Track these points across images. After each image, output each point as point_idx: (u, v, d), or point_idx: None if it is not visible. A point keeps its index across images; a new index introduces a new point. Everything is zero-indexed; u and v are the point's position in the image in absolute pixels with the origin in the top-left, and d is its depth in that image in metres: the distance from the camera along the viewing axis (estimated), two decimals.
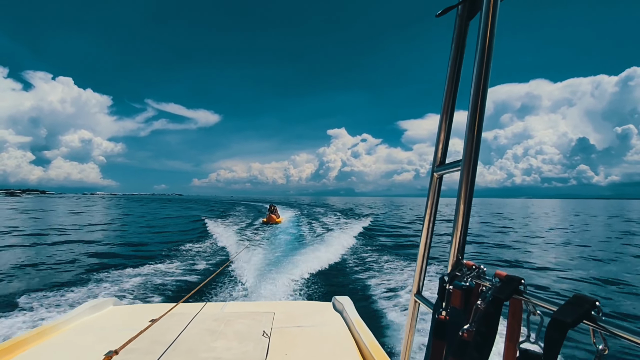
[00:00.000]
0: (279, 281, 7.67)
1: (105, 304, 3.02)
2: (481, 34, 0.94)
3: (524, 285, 0.81)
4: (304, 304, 4.25)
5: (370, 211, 41.55)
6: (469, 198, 1.01)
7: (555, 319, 0.63)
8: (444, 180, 1.24)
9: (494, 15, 0.93)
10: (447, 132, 1.19)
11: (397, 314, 6.00)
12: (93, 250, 12.92)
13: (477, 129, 0.96)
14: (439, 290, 1.08)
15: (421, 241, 1.28)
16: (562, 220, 32.95)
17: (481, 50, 0.93)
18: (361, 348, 2.23)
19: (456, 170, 1.05)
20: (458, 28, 1.10)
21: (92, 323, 2.64)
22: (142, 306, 3.54)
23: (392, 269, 9.57)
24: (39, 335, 2.26)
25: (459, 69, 1.13)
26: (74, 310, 2.77)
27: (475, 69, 0.94)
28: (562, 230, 22.45)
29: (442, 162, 1.21)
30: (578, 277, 9.56)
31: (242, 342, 2.23)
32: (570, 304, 0.64)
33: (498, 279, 0.86)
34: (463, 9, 1.08)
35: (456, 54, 1.12)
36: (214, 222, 22.46)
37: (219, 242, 13.87)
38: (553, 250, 14.22)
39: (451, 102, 1.16)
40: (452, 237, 1.06)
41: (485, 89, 0.94)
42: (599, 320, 0.60)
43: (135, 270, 9.04)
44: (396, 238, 17.32)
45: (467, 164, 0.99)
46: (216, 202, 75.60)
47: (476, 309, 0.87)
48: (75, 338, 2.34)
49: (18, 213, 35.13)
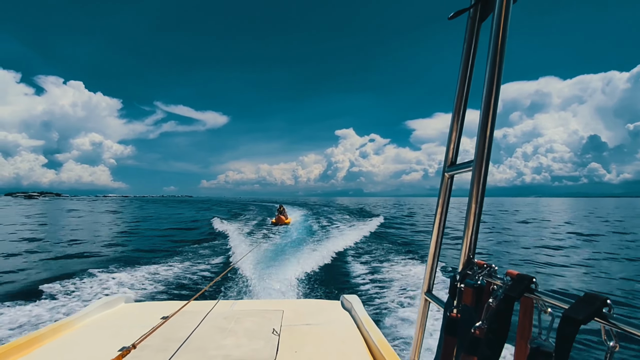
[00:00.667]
0: (288, 280, 7.73)
1: (117, 302, 3.07)
2: (493, 36, 0.95)
3: (536, 284, 0.82)
4: (312, 302, 4.27)
5: (379, 211, 41.45)
6: (481, 198, 1.02)
7: (567, 316, 0.65)
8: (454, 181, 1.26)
9: (507, 17, 0.94)
10: (459, 132, 1.20)
11: (406, 312, 5.99)
12: (108, 249, 13.22)
13: (489, 130, 0.97)
14: (451, 289, 1.10)
15: (432, 240, 1.29)
16: (578, 218, 32.34)
17: (493, 52, 0.94)
18: (370, 346, 2.24)
19: (468, 171, 1.07)
20: (470, 30, 1.12)
21: (104, 320, 2.69)
22: (153, 303, 3.61)
23: (400, 268, 9.54)
24: (53, 331, 2.32)
25: (470, 71, 1.14)
26: (86, 307, 2.83)
27: (487, 70, 0.96)
28: (577, 229, 22.09)
29: (453, 163, 1.22)
30: (594, 276, 9.41)
31: (252, 340, 2.26)
32: (582, 302, 0.65)
33: (509, 277, 0.88)
34: (475, 11, 1.09)
35: (468, 56, 1.13)
36: (224, 223, 22.68)
37: (229, 242, 14.02)
38: (567, 249, 14.01)
39: (463, 103, 1.17)
40: (463, 237, 1.07)
41: (497, 90, 0.95)
42: (610, 318, 0.61)
43: (147, 268, 9.23)
44: (404, 237, 17.25)
45: (478, 165, 1.00)
46: (228, 203, 79.72)
47: (488, 306, 0.89)
48: (89, 335, 2.40)
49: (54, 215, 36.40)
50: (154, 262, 10.07)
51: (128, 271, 8.93)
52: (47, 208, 52.56)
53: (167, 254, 11.56)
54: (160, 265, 9.71)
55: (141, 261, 10.26)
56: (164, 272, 8.93)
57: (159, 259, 10.57)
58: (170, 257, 10.96)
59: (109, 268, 9.31)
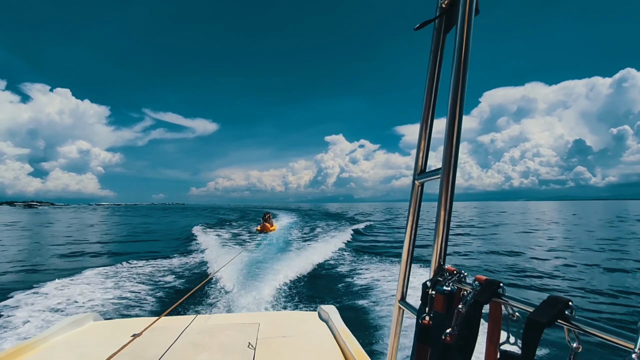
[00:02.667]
0: (265, 291, 7.55)
1: (86, 320, 2.93)
2: (457, 47, 0.98)
3: (503, 288, 0.83)
4: (289, 314, 4.22)
5: (363, 217, 41.71)
6: (449, 205, 1.03)
7: (531, 319, 0.65)
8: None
9: (469, 28, 0.97)
10: (427, 140, 1.23)
11: (383, 320, 6.00)
12: (81, 260, 12.43)
13: (455, 138, 1.00)
14: (422, 296, 1.10)
15: (404, 248, 1.29)
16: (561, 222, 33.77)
17: (457, 62, 0.97)
18: (347, 356, 2.23)
19: (436, 178, 1.08)
20: (435, 41, 1.15)
21: (72, 340, 2.55)
22: (123, 321, 3.44)
23: (379, 275, 9.59)
24: (14, 354, 2.15)
25: (437, 80, 1.17)
26: (52, 326, 2.67)
27: (452, 79, 0.98)
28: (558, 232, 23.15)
29: (422, 170, 1.24)
30: (562, 279, 9.86)
31: (227, 355, 2.20)
32: (546, 305, 0.66)
33: (478, 282, 0.89)
34: (440, 22, 1.13)
35: (434, 66, 1.16)
36: (206, 231, 22.04)
37: (207, 252, 13.55)
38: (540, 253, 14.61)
39: (431, 111, 1.20)
40: (433, 243, 1.08)
41: (462, 99, 0.98)
42: (572, 320, 0.63)
43: (116, 283, 8.71)
44: (385, 244, 17.44)
45: (446, 172, 1.02)
46: (222, 209, 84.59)
47: (458, 312, 0.89)
48: (54, 356, 2.25)
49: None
50: (124, 275, 9.52)
51: (97, 285, 8.39)
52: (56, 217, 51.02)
53: (140, 265, 10.97)
54: (132, 278, 9.19)
55: (109, 275, 9.69)
56: (136, 285, 8.46)
57: (130, 271, 10.00)
58: (143, 268, 10.40)
59: (76, 281, 8.75)
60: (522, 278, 10.26)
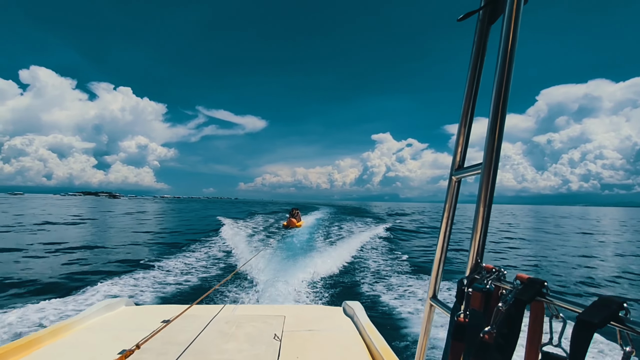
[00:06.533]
0: (291, 285, 7.69)
1: (118, 304, 3.09)
2: (503, 38, 0.93)
3: (547, 287, 0.80)
4: (314, 308, 4.25)
5: (399, 216, 41.16)
6: (489, 202, 1.00)
7: (582, 319, 0.63)
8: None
9: (517, 19, 0.92)
10: (467, 136, 1.19)
11: (409, 318, 5.93)
12: (116, 251, 13.25)
13: (498, 133, 0.96)
14: (458, 293, 1.08)
15: (438, 245, 1.27)
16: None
17: (503, 55, 0.93)
18: (372, 353, 2.22)
19: (476, 174, 1.05)
20: (479, 32, 1.10)
21: (105, 323, 2.71)
22: (154, 307, 3.62)
23: (405, 273, 9.48)
24: (52, 333, 2.33)
25: (479, 74, 1.13)
26: (87, 309, 2.84)
27: (497, 73, 0.94)
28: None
29: (460, 166, 1.21)
30: (608, 281, 9.27)
31: (253, 345, 2.26)
32: (596, 306, 0.63)
33: (519, 281, 0.86)
34: (484, 13, 1.08)
35: (477, 59, 1.12)
36: (234, 225, 22.71)
37: (236, 245, 13.98)
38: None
39: (471, 107, 1.16)
40: (471, 240, 1.05)
41: (506, 94, 0.94)
42: (627, 322, 0.60)
43: (149, 272, 9.24)
44: (414, 243, 17.18)
45: (487, 168, 0.98)
46: (273, 204, 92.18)
47: (497, 311, 0.87)
48: (88, 337, 2.40)
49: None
50: (158, 264, 10.09)
51: (131, 274, 8.94)
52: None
53: (172, 256, 11.55)
54: (163, 268, 9.73)
55: (144, 263, 10.29)
56: (167, 275, 8.94)
57: (162, 261, 10.58)
58: (174, 259, 10.96)
59: (114, 270, 9.33)
60: (575, 284, 9.71)
